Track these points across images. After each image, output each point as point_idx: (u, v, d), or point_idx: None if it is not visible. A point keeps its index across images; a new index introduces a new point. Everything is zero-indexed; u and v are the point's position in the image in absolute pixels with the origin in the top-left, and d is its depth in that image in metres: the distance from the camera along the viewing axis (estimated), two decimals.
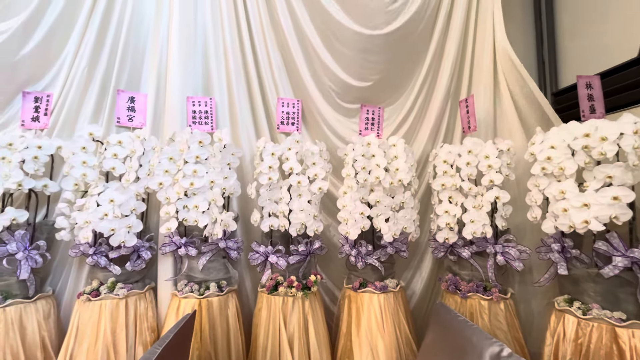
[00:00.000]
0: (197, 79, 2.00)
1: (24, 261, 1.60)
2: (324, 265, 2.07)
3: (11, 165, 1.59)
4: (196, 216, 1.62)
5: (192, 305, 1.65)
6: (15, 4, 1.83)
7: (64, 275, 1.86)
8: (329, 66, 2.00)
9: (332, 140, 2.03)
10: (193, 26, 1.98)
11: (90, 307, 1.59)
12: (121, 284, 1.65)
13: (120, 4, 1.93)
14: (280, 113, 2.02)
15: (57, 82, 1.88)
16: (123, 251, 1.67)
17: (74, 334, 1.59)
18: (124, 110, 1.92)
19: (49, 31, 1.84)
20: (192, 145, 1.66)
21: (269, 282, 1.72)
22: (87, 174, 1.66)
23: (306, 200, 1.76)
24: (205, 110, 1.94)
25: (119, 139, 1.74)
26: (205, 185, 1.64)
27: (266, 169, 1.73)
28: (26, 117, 1.84)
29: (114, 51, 1.91)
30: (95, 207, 1.57)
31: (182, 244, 1.70)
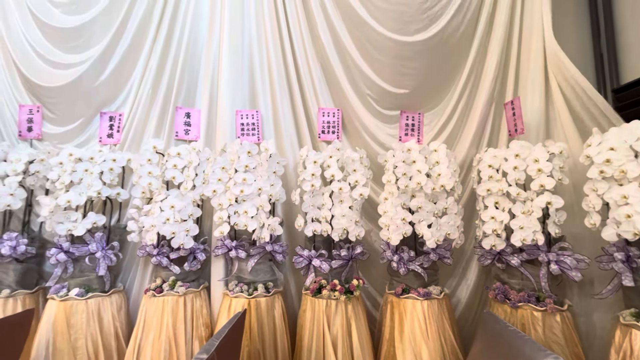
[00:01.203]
0: (244, 94, 2.16)
1: (101, 259, 1.84)
2: (365, 270, 2.10)
3: (92, 177, 1.85)
4: (246, 221, 1.74)
5: (242, 304, 1.77)
6: (94, 36, 2.13)
7: (132, 272, 2.09)
8: (367, 74, 2.05)
9: (372, 147, 2.07)
10: (240, 46, 2.15)
11: (155, 302, 1.78)
12: (180, 282, 1.82)
13: (179, 32, 2.15)
14: (321, 122, 2.11)
15: (127, 102, 2.15)
16: (182, 252, 1.84)
17: (142, 325, 1.78)
18: (181, 125, 2.13)
19: (121, 60, 2.11)
20: (242, 155, 1.80)
21: (312, 284, 1.79)
22: (152, 183, 1.87)
23: (347, 206, 1.81)
24: (252, 122, 2.08)
25: (178, 151, 1.93)
26: (254, 192, 1.77)
27: (309, 176, 1.81)
28: (103, 134, 2.12)
29: (172, 74, 2.14)
30: (159, 212, 1.76)
31: (233, 247, 1.84)
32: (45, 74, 2.07)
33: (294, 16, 2.16)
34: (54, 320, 1.71)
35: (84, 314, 1.76)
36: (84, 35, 2.12)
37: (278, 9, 2.16)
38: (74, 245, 1.83)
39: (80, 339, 1.73)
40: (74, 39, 2.11)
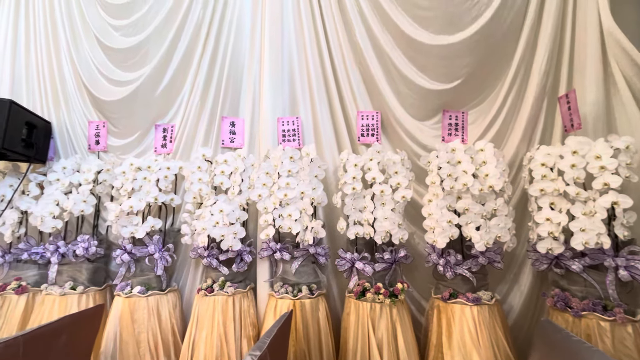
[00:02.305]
0: (284, 101, 2.23)
1: (159, 260, 1.99)
2: (408, 274, 2.06)
3: (150, 184, 2.02)
4: (290, 224, 1.80)
5: (287, 305, 1.82)
6: (148, 54, 2.33)
7: (185, 273, 2.23)
8: (406, 75, 2.03)
9: (413, 149, 2.04)
10: (280, 56, 2.22)
11: (207, 301, 1.89)
12: (229, 282, 1.92)
13: (223, 46, 2.28)
14: (360, 126, 2.12)
15: (178, 114, 2.31)
16: (230, 254, 1.94)
17: (195, 323, 1.89)
18: (227, 133, 2.25)
19: (173, 76, 2.28)
20: (285, 161, 1.87)
21: (356, 287, 1.79)
22: (202, 189, 1.99)
23: (390, 209, 1.80)
24: (293, 128, 2.15)
25: (225, 158, 2.04)
26: (297, 196, 1.82)
27: (350, 179, 1.83)
28: (157, 144, 2.30)
29: (219, 86, 2.27)
30: (210, 216, 1.87)
31: (278, 249, 1.90)
32: (108, 91, 2.31)
33: (331, 25, 2.20)
34: (120, 315, 1.88)
35: (145, 310, 1.91)
36: (139, 53, 2.33)
37: (316, 18, 2.22)
38: (136, 247, 2.01)
39: (142, 333, 1.88)
40: (130, 58, 2.33)
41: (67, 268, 2.06)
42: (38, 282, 2.12)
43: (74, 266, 2.06)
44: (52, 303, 1.96)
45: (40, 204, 2.05)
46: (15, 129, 1.99)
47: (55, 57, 2.40)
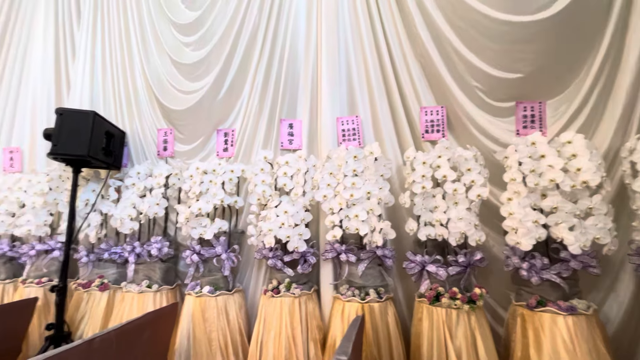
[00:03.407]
0: (343, 101, 2.20)
1: (226, 261, 2.04)
2: (482, 279, 1.91)
3: (216, 187, 2.08)
4: (357, 224, 1.75)
5: (355, 308, 1.77)
6: (210, 65, 2.43)
7: (248, 274, 2.27)
8: (474, 65, 1.90)
9: (484, 144, 1.90)
10: (337, 55, 2.20)
11: (273, 302, 1.89)
12: (295, 284, 1.91)
13: (279, 50, 2.32)
14: (424, 122, 2.03)
15: (238, 119, 2.38)
16: (295, 256, 1.94)
17: (262, 323, 1.91)
18: (285, 135, 2.27)
19: (232, 82, 2.36)
20: (349, 160, 1.83)
21: (428, 292, 1.70)
22: (265, 191, 2.02)
23: (464, 208, 1.68)
24: (353, 127, 2.11)
25: (286, 160, 2.06)
26: (363, 196, 1.77)
27: (419, 178, 1.75)
28: (219, 148, 2.38)
29: (276, 89, 2.30)
30: (275, 217, 1.88)
31: (343, 251, 1.86)
32: (176, 101, 2.44)
33: (389, 19, 2.14)
34: (193, 314, 1.95)
35: (214, 310, 1.97)
36: (204, 65, 2.44)
37: (372, 13, 2.17)
38: (204, 248, 2.08)
39: (213, 332, 1.93)
40: (197, 70, 2.44)
41: (143, 267, 2.19)
42: (117, 280, 2.28)
43: (149, 265, 2.19)
44: (131, 300, 2.09)
45: (119, 207, 2.21)
46: (97, 138, 2.15)
47: (130, 72, 2.59)
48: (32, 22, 2.95)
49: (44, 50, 2.85)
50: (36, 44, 2.88)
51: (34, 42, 2.89)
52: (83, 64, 2.68)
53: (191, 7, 2.57)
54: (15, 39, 2.98)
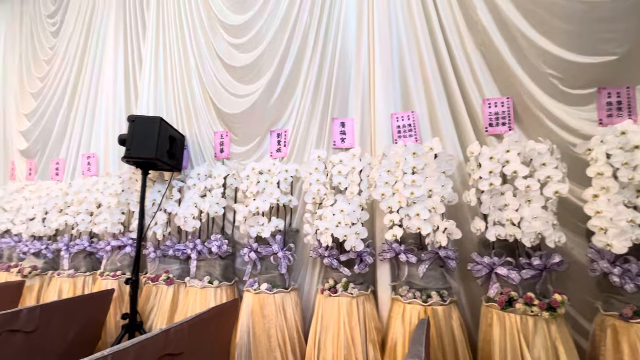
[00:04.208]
0: (396, 96, 2.14)
1: (282, 259, 2.07)
2: (560, 284, 1.74)
3: (272, 186, 2.13)
4: (418, 224, 1.68)
5: (417, 311, 1.70)
6: (262, 68, 2.49)
7: (302, 272, 2.29)
8: (547, 50, 1.74)
9: (560, 136, 1.73)
10: (390, 50, 2.15)
11: (331, 301, 1.88)
12: (352, 284, 1.89)
13: (331, 49, 2.32)
14: (488, 115, 1.90)
15: (290, 119, 2.41)
16: (351, 255, 1.91)
17: (319, 322, 1.90)
18: (337, 134, 2.25)
19: (285, 83, 2.41)
20: (408, 157, 1.76)
21: (499, 296, 1.57)
22: (320, 189, 2.02)
23: (539, 206, 1.54)
24: (409, 123, 2.04)
25: (340, 158, 2.04)
26: (424, 194, 1.70)
27: (486, 174, 1.63)
28: (273, 149, 2.43)
29: (328, 88, 2.30)
30: (331, 216, 1.87)
31: (402, 251, 1.80)
32: (230, 103, 2.54)
33: (445, 6, 2.05)
34: (252, 310, 2.01)
35: (272, 307, 2.00)
36: (255, 68, 2.51)
37: (426, 2, 2.09)
38: (261, 246, 2.13)
39: (272, 328, 1.97)
40: (249, 73, 2.53)
41: (204, 264, 2.30)
42: (181, 275, 2.42)
43: (209, 262, 2.29)
44: (194, 294, 2.20)
45: (182, 206, 2.35)
46: (163, 142, 2.31)
47: (187, 78, 2.76)
48: (105, 41, 3.26)
49: (114, 64, 3.14)
50: (108, 59, 3.18)
51: (107, 58, 3.20)
52: (148, 74, 2.90)
53: (239, 11, 2.67)
54: (91, 57, 3.31)
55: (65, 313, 1.99)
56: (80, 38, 3.42)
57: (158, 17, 2.98)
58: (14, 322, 1.76)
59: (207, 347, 1.72)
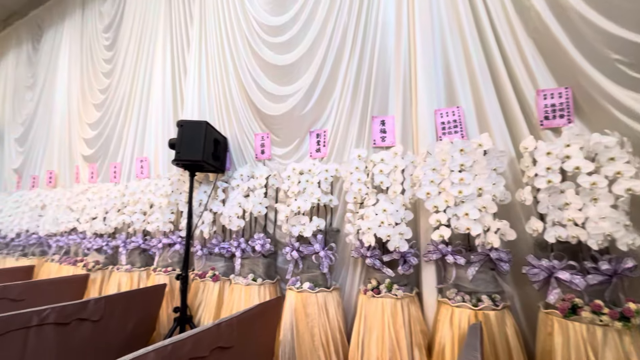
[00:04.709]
0: (440, 92, 2.06)
1: (324, 258, 2.08)
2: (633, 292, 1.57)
3: (313, 186, 2.14)
4: (467, 224, 1.60)
5: (467, 315, 1.62)
6: (300, 70, 2.53)
7: (343, 272, 2.28)
8: (611, 33, 1.58)
9: (631, 127, 1.56)
10: (432, 44, 2.08)
11: (374, 302, 1.86)
12: (396, 285, 1.85)
13: (370, 46, 2.29)
14: (542, 107, 1.76)
15: (330, 119, 2.42)
16: (394, 256, 1.87)
17: (362, 323, 1.88)
18: (377, 132, 2.22)
19: (324, 84, 2.42)
20: (455, 154, 1.69)
21: (561, 303, 1.45)
22: (361, 189, 2.00)
23: (607, 205, 1.40)
24: (454, 119, 1.95)
25: (382, 157, 2.01)
26: (474, 193, 1.61)
27: (543, 171, 1.52)
28: (312, 149, 2.45)
29: (367, 86, 2.28)
30: (374, 216, 1.85)
31: (449, 252, 1.73)
32: (269, 106, 2.61)
33: None
34: (295, 308, 2.04)
35: (315, 306, 2.02)
36: (294, 70, 2.56)
37: None
38: (302, 245, 2.16)
39: (315, 327, 1.98)
40: (286, 75, 2.58)
41: (247, 262, 2.38)
42: (226, 272, 2.52)
43: (253, 260, 2.36)
44: (239, 291, 2.28)
45: (227, 206, 2.45)
46: (208, 145, 2.42)
47: (227, 82, 2.88)
48: (154, 54, 3.50)
49: (163, 75, 3.35)
50: (157, 71, 3.41)
51: (156, 70, 3.43)
52: (192, 81, 3.06)
53: (276, 13, 2.73)
54: (142, 69, 3.57)
55: (125, 305, 2.15)
56: (133, 53, 3.70)
57: (201, 28, 3.14)
58: (83, 311, 1.94)
59: (253, 342, 1.77)
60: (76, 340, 1.90)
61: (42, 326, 1.76)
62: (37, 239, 3.91)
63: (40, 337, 1.75)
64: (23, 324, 1.69)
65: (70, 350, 1.84)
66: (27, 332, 1.72)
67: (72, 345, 1.86)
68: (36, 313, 1.74)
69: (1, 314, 1.64)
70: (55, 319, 1.81)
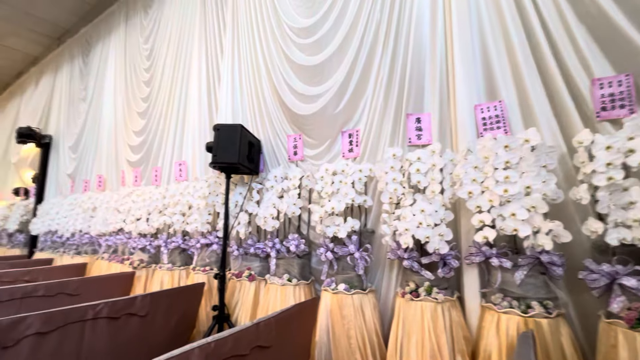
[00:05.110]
0: (479, 86, 1.96)
1: (359, 260, 2.05)
2: None
3: (347, 186, 2.12)
4: (515, 225, 1.50)
5: (515, 322, 1.52)
6: (332, 69, 2.52)
7: (378, 274, 2.23)
8: None
9: None
10: (469, 34, 1.98)
11: (413, 306, 1.79)
12: (436, 289, 1.77)
13: (403, 41, 2.23)
14: (599, 97, 1.61)
15: (362, 119, 2.38)
16: (434, 258, 1.80)
17: (400, 327, 1.83)
18: (413, 130, 2.15)
19: (356, 83, 2.39)
20: (499, 151, 1.59)
21: (626, 312, 1.32)
22: (397, 189, 1.95)
23: None
24: (495, 114, 1.84)
25: (418, 156, 1.94)
26: (521, 192, 1.51)
27: (602, 167, 1.38)
28: (345, 149, 2.43)
29: (401, 84, 2.22)
30: (412, 216, 1.79)
31: (494, 255, 1.63)
32: (301, 106, 2.62)
33: None
34: (330, 310, 2.02)
35: (351, 308, 1.99)
36: (324, 69, 2.55)
37: None
38: (337, 246, 2.14)
39: (351, 329, 1.95)
40: (318, 74, 2.58)
41: (282, 262, 2.40)
42: (261, 272, 2.56)
43: (287, 261, 2.38)
44: (275, 291, 2.31)
45: (262, 207, 2.49)
46: (243, 148, 2.48)
47: (259, 85, 2.93)
48: (190, 62, 3.66)
49: (198, 81, 3.49)
50: (193, 78, 3.56)
51: (192, 77, 3.58)
52: (226, 87, 3.15)
53: (307, 14, 2.74)
54: (179, 77, 3.75)
55: (168, 302, 2.25)
56: (171, 61, 3.90)
57: (233, 34, 3.23)
58: (131, 306, 2.05)
59: (291, 343, 1.78)
60: (126, 334, 2.01)
61: (96, 320, 1.89)
62: (89, 238, 4.22)
63: (95, 329, 1.88)
64: (80, 317, 1.83)
65: (120, 344, 1.95)
66: (83, 324, 1.85)
67: (122, 339, 1.98)
68: (91, 307, 1.87)
69: (61, 308, 1.78)
70: (107, 313, 1.94)
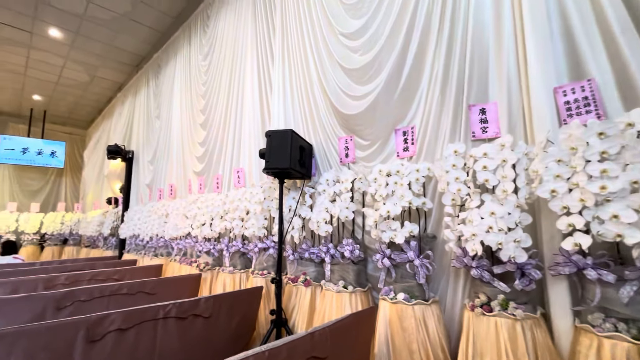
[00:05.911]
0: (559, 66, 1.66)
1: (420, 268, 1.88)
2: None
3: (403, 188, 1.97)
4: (617, 229, 1.22)
5: (624, 350, 1.23)
6: (382, 63, 2.39)
7: (442, 284, 2.03)
8: None
9: None
10: (545, 6, 1.70)
11: (485, 321, 1.58)
12: (513, 303, 1.53)
13: (461, 25, 2.01)
14: None
15: (417, 115, 2.21)
16: (509, 267, 1.56)
17: (471, 344, 1.62)
18: (477, 123, 1.92)
19: (408, 76, 2.23)
20: (591, 140, 1.32)
21: None
22: (461, 189, 1.75)
23: None
24: (584, 96, 1.54)
25: (484, 151, 1.71)
26: (625, 188, 1.22)
27: None
28: (399, 149, 2.28)
29: (461, 71, 2.00)
30: (480, 220, 1.58)
31: (589, 266, 1.35)
32: (350, 106, 2.54)
33: None
34: (389, 320, 1.89)
35: (412, 319, 1.83)
36: (374, 66, 2.43)
37: None
38: (394, 252, 2.00)
39: (413, 343, 1.80)
40: (367, 73, 2.47)
41: (337, 268, 2.33)
42: (317, 278, 2.52)
43: (342, 267, 2.30)
44: (330, 298, 2.24)
45: (315, 211, 2.45)
46: (295, 152, 2.47)
47: (310, 90, 2.92)
48: (244, 71, 3.83)
49: (252, 91, 3.63)
50: (247, 88, 3.71)
51: (246, 88, 3.73)
52: (277, 94, 3.21)
53: (355, 16, 2.65)
54: (235, 89, 3.94)
55: (230, 304, 2.33)
56: (227, 73, 4.13)
57: (283, 43, 3.28)
58: (196, 307, 2.17)
59: (347, 354, 1.70)
60: (192, 334, 2.13)
61: (166, 319, 2.03)
62: (163, 242, 4.66)
63: (166, 329, 2.01)
64: (153, 316, 1.97)
65: (187, 344, 2.07)
66: (156, 323, 1.99)
67: (190, 339, 2.10)
68: (162, 307, 2.01)
69: (137, 307, 1.95)
70: (175, 313, 2.07)
